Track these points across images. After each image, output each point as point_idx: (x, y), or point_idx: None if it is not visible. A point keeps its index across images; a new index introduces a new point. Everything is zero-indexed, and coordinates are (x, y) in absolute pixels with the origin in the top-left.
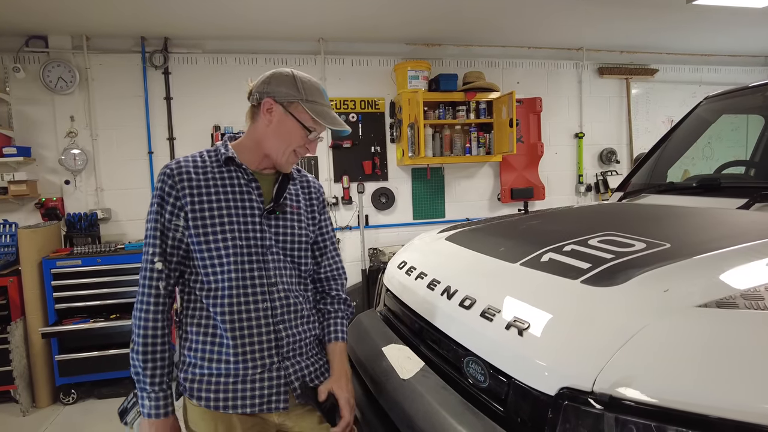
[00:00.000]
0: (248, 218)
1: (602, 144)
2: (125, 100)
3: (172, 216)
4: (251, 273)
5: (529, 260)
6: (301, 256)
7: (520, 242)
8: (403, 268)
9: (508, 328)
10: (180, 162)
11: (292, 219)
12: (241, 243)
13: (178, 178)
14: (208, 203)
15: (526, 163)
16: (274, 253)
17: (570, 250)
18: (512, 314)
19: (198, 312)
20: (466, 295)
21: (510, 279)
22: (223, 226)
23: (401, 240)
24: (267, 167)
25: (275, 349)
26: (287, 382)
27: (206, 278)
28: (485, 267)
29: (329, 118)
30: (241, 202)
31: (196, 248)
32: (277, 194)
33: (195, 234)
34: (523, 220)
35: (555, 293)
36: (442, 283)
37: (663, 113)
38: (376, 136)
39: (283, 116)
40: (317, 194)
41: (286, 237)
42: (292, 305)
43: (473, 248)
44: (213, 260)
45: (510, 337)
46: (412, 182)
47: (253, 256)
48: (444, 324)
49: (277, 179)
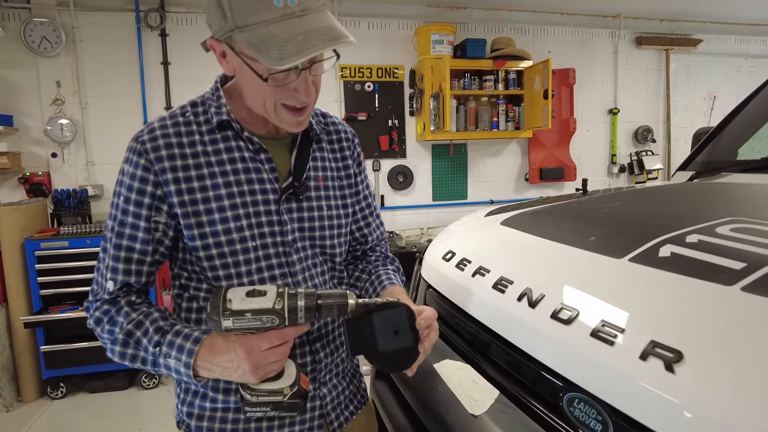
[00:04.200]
0: (260, 206)
1: (637, 121)
2: (118, 64)
3: (150, 211)
4: (273, 283)
5: (640, 255)
6: (334, 245)
7: (613, 229)
8: (450, 259)
9: (644, 358)
10: (155, 130)
11: (319, 197)
12: (255, 243)
13: (154, 155)
14: (202, 190)
15: (557, 140)
16: (300, 249)
17: (696, 241)
18: (646, 336)
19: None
20: (562, 305)
21: (623, 281)
22: (226, 223)
23: (419, 223)
24: (276, 129)
25: (310, 375)
26: (323, 414)
27: (208, 293)
28: (577, 263)
29: (282, 47)
30: (248, 184)
31: (191, 251)
32: (297, 166)
33: (189, 236)
34: (596, 201)
35: (706, 305)
36: (517, 284)
37: (704, 88)
38: (394, 108)
39: (234, 59)
40: (350, 146)
41: (313, 224)
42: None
43: (546, 236)
44: (216, 270)
45: (650, 371)
46: (432, 160)
47: (272, 258)
48: (527, 342)
49: (294, 143)
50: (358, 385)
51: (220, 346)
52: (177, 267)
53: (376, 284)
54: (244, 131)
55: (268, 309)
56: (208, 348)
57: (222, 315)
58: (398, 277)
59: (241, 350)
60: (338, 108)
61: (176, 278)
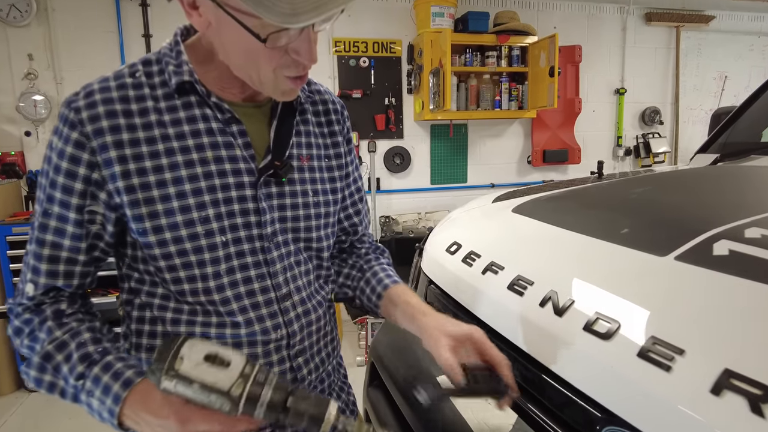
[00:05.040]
0: (231, 191)
1: (645, 102)
2: (95, 36)
3: (83, 200)
4: (248, 286)
5: (690, 252)
6: (322, 238)
7: (648, 220)
8: (456, 252)
9: (717, 393)
10: (94, 93)
11: (303, 181)
12: (225, 238)
13: (92, 127)
14: (155, 171)
15: (562, 121)
16: (281, 244)
17: (760, 236)
18: (717, 363)
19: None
20: (597, 314)
21: (672, 286)
22: (188, 212)
23: (417, 207)
24: (253, 95)
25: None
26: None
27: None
28: (610, 261)
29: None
30: (216, 163)
31: (143, 247)
32: (278, 141)
33: (140, 230)
34: (619, 186)
35: None
36: (538, 286)
37: (715, 68)
38: (391, 85)
39: (212, 11)
40: (339, 119)
41: (297, 212)
42: (314, 322)
43: (568, 227)
44: (176, 272)
45: (728, 412)
46: (430, 141)
47: (247, 256)
48: (553, 359)
49: (274, 113)
50: (347, 399)
51: (154, 403)
52: (125, 266)
53: (374, 284)
54: (211, 96)
55: (221, 391)
56: (140, 397)
57: (165, 373)
58: (395, 272)
59: (174, 421)
60: (332, 84)
61: (125, 280)
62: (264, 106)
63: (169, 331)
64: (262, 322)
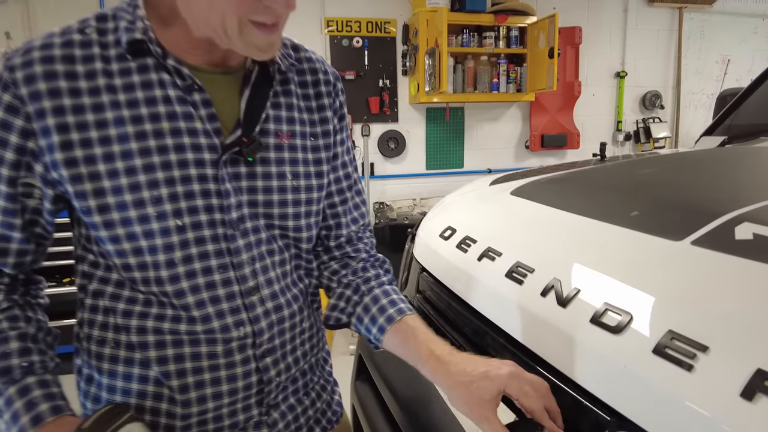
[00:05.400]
0: (190, 168)
1: (646, 86)
2: (75, 14)
3: (16, 171)
4: (207, 277)
5: (708, 236)
6: (301, 227)
7: (659, 202)
8: (450, 238)
9: (749, 398)
10: (33, 51)
11: (281, 161)
12: (181, 222)
13: (28, 90)
14: (102, 142)
15: (561, 105)
16: (250, 231)
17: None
18: (747, 362)
19: (112, 334)
20: (606, 305)
21: (690, 273)
22: (137, 191)
23: (412, 193)
24: (223, 59)
25: (255, 397)
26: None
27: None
28: (619, 246)
29: None
30: (173, 137)
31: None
32: (249, 114)
33: (83, 209)
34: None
35: None
36: (540, 273)
37: (718, 51)
38: (385, 66)
39: None
40: (331, 92)
41: (271, 197)
42: (287, 319)
43: (572, 210)
44: (125, 257)
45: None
46: (426, 125)
47: (207, 244)
48: (557, 355)
49: (247, 82)
50: (330, 399)
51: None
52: (80, 247)
53: (375, 313)
54: (168, 58)
55: None
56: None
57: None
58: (401, 294)
59: None
60: None
61: (79, 262)
62: (236, 73)
63: (120, 325)
64: (222, 318)
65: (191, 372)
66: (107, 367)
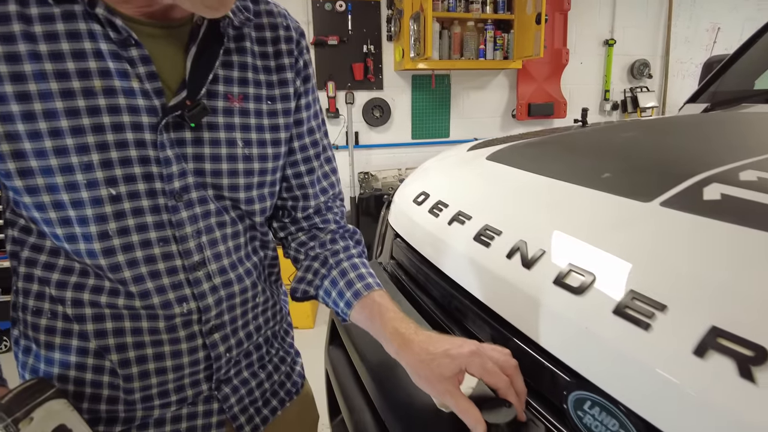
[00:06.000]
0: (126, 132)
1: (634, 54)
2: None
3: None
4: (146, 251)
5: (678, 197)
6: (252, 200)
7: (633, 164)
8: (423, 203)
9: (701, 355)
10: None
11: (231, 126)
12: (115, 191)
13: None
14: (20, 99)
15: (548, 73)
16: (195, 202)
17: (756, 179)
18: (703, 320)
19: (48, 305)
20: (571, 266)
21: (657, 234)
22: (64, 155)
23: (397, 163)
24: (165, 11)
25: (204, 372)
26: (222, 420)
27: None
28: (588, 208)
29: None
30: (106, 97)
31: (12, 193)
32: (194, 75)
33: (2, 173)
34: (604, 131)
35: None
36: (507, 236)
37: (708, 19)
38: (370, 32)
39: None
40: (292, 50)
41: (219, 166)
42: (238, 294)
43: (544, 173)
44: (53, 227)
45: (714, 374)
46: (412, 92)
47: (146, 215)
48: (520, 317)
49: (194, 39)
50: (290, 371)
51: None
52: (9, 210)
53: (343, 287)
54: (97, 5)
55: None
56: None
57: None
58: (370, 268)
59: None
60: (305, 30)
61: (8, 226)
62: (181, 28)
63: (55, 296)
64: (162, 293)
65: (132, 347)
66: (44, 338)
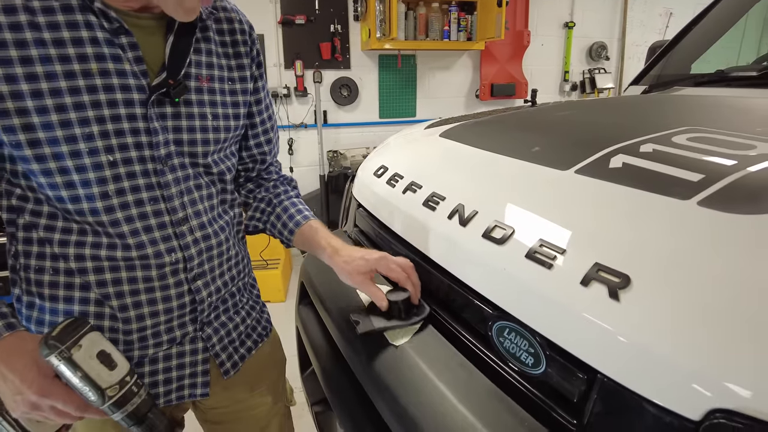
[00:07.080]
0: (120, 108)
1: (593, 37)
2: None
3: None
4: (140, 208)
5: (589, 166)
6: (219, 161)
7: (560, 140)
8: (382, 176)
9: (586, 284)
10: None
11: (202, 102)
12: (113, 157)
13: None
14: (29, 79)
15: (510, 54)
16: (177, 167)
17: (652, 150)
18: (590, 259)
19: (50, 263)
20: (496, 222)
21: (567, 196)
22: (69, 127)
23: (365, 142)
24: (149, 4)
25: (190, 315)
26: (206, 358)
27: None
28: (516, 176)
29: None
30: (102, 77)
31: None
32: (173, 59)
33: (13, 143)
34: (544, 111)
35: (659, 222)
36: (449, 200)
37: (662, 4)
38: (337, 11)
39: None
40: (246, 41)
41: (194, 136)
42: (215, 247)
43: (486, 148)
44: (58, 190)
45: (592, 299)
46: (379, 72)
47: (138, 178)
48: (456, 265)
49: (171, 28)
50: (259, 317)
51: (20, 363)
52: (5, 181)
53: (285, 219)
54: (95, 0)
55: (98, 387)
56: (5, 352)
57: (59, 353)
58: (304, 203)
59: (34, 388)
60: (273, 9)
61: (6, 196)
62: (161, 19)
63: (57, 254)
64: (155, 245)
65: (129, 294)
66: (48, 292)
